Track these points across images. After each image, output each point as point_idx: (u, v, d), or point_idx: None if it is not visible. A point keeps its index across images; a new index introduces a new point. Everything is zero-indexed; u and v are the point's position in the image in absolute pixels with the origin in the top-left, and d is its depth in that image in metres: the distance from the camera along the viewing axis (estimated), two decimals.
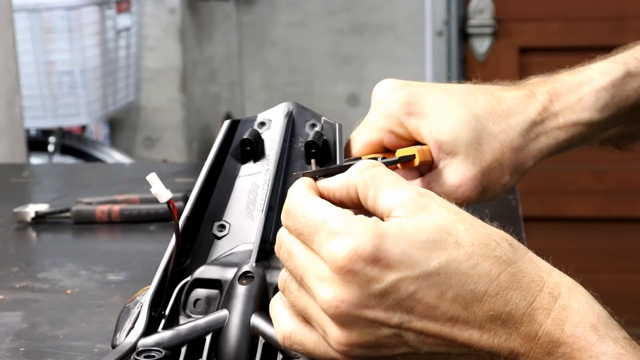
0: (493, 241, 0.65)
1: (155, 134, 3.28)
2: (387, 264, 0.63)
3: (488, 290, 0.63)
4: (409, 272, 0.63)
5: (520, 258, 0.65)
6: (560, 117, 0.91)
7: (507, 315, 0.63)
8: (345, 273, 0.63)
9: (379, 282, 0.63)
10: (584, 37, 3.11)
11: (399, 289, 0.63)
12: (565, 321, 0.63)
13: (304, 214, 0.66)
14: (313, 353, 0.68)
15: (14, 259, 1.17)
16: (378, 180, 0.68)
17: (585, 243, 3.17)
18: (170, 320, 0.78)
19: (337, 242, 0.64)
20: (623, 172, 3.15)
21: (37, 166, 2.52)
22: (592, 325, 0.63)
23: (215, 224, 0.84)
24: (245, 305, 0.75)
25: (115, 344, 0.77)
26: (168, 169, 1.68)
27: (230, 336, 0.74)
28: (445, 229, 0.64)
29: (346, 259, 0.63)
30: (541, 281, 0.64)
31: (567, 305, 0.64)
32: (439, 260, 0.63)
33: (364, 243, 0.63)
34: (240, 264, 0.78)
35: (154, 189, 0.76)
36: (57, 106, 2.95)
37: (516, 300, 0.63)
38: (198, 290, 0.79)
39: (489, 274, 0.63)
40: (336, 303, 0.63)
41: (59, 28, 2.87)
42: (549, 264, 0.67)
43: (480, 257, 0.64)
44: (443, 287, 0.63)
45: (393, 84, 0.89)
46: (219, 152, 0.86)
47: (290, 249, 0.67)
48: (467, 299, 0.63)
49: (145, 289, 0.81)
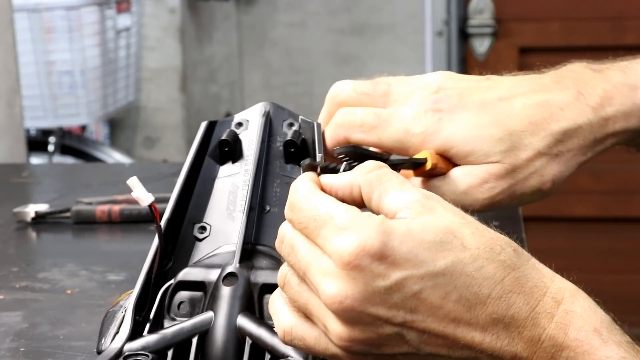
0: (498, 246, 0.65)
1: (155, 134, 3.28)
2: (394, 261, 0.63)
3: (492, 293, 0.63)
4: (415, 271, 0.63)
5: (524, 264, 0.65)
6: (610, 124, 0.86)
7: (510, 319, 0.63)
8: (351, 268, 0.63)
9: (384, 279, 0.63)
10: (584, 37, 3.11)
11: (404, 287, 0.63)
12: (569, 325, 0.63)
13: (310, 208, 0.66)
14: (314, 349, 0.67)
15: (14, 259, 1.17)
16: (383, 181, 0.67)
17: (585, 243, 3.17)
18: (155, 323, 0.78)
19: (344, 237, 0.63)
20: (623, 172, 3.15)
21: (37, 166, 2.51)
22: (595, 330, 0.63)
23: (196, 226, 0.83)
24: (231, 306, 0.75)
25: (100, 350, 0.77)
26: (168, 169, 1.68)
27: (217, 338, 0.74)
28: (451, 231, 0.64)
29: (353, 254, 0.63)
30: (544, 286, 0.64)
31: (570, 310, 0.64)
32: (445, 261, 0.63)
33: (372, 239, 0.63)
34: (223, 265, 0.78)
35: (135, 193, 0.76)
36: (57, 106, 2.95)
37: (519, 304, 0.63)
38: (182, 292, 0.78)
39: (493, 277, 0.63)
40: (340, 298, 0.63)
41: (59, 28, 2.87)
42: (552, 270, 0.67)
43: (486, 260, 0.64)
44: (448, 288, 0.63)
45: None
46: (197, 154, 0.86)
47: (293, 243, 0.67)
48: (471, 300, 0.63)
49: (129, 293, 0.81)
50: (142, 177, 0.78)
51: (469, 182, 0.85)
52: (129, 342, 0.76)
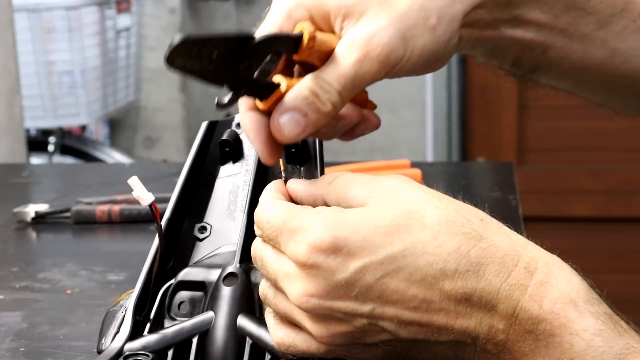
0: (462, 217, 0.64)
1: (155, 134, 3.28)
2: (349, 252, 0.63)
3: (458, 267, 0.62)
4: (373, 258, 0.62)
5: (493, 233, 0.64)
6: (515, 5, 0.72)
7: (482, 292, 0.62)
8: (309, 267, 0.63)
9: (343, 272, 0.63)
10: None
11: (365, 276, 0.63)
12: (543, 297, 0.62)
13: (268, 220, 0.67)
14: (307, 352, 0.68)
15: (14, 259, 1.17)
16: (345, 184, 0.67)
17: (585, 243, 3.16)
18: (155, 323, 0.78)
19: (297, 239, 0.64)
20: (623, 172, 3.15)
21: (37, 166, 2.51)
22: (571, 301, 0.62)
23: (196, 226, 0.84)
24: (231, 306, 0.75)
25: (101, 349, 0.77)
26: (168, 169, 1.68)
27: (217, 338, 0.74)
28: (410, 213, 0.63)
29: (306, 254, 0.63)
30: (516, 255, 0.63)
31: (544, 281, 0.62)
32: (403, 243, 0.62)
33: (321, 235, 0.63)
34: (224, 265, 0.78)
35: (135, 193, 0.76)
36: (57, 106, 2.95)
37: (489, 276, 0.62)
38: (182, 292, 0.79)
39: (458, 251, 0.62)
40: (305, 298, 0.64)
41: (59, 28, 2.87)
42: (525, 238, 0.65)
43: (448, 235, 0.63)
44: (410, 269, 0.62)
45: None
46: (197, 154, 0.86)
47: (262, 256, 0.68)
48: (437, 278, 0.62)
49: (129, 293, 0.81)
50: (142, 177, 0.78)
51: (358, 48, 0.66)
52: (129, 341, 0.76)
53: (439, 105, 3.18)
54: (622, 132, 3.09)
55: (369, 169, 1.45)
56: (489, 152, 3.19)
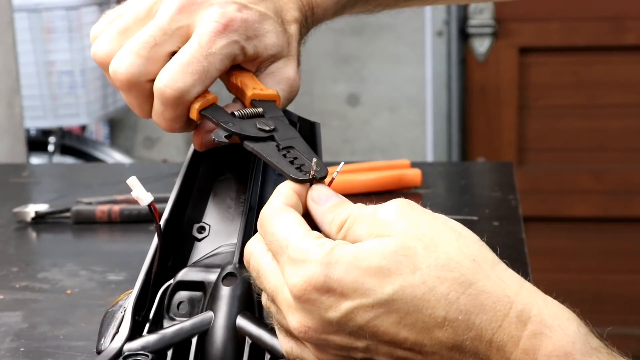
0: (452, 261, 0.62)
1: (155, 134, 3.28)
2: (342, 292, 0.63)
3: (447, 315, 0.61)
4: (364, 300, 0.62)
5: (485, 276, 0.62)
6: None
7: (474, 341, 0.61)
8: (303, 302, 0.64)
9: (335, 311, 0.63)
10: (584, 37, 3.11)
11: (356, 317, 0.63)
12: (537, 350, 0.60)
13: (272, 231, 0.67)
14: None
15: (14, 259, 1.17)
16: (358, 215, 0.67)
17: (585, 243, 3.16)
18: (154, 323, 0.78)
19: (294, 270, 0.64)
20: (623, 172, 3.15)
21: (37, 166, 2.51)
22: (567, 355, 0.60)
23: (195, 226, 0.84)
24: (230, 306, 0.75)
25: (100, 350, 0.77)
26: (168, 169, 1.68)
27: (217, 338, 0.74)
28: (401, 251, 0.63)
29: (301, 289, 0.63)
30: (508, 302, 0.61)
31: (537, 332, 0.61)
32: (392, 286, 0.62)
33: (317, 273, 0.63)
34: (223, 265, 0.78)
35: (134, 193, 0.76)
36: (57, 106, 2.95)
37: (480, 325, 0.61)
38: (181, 292, 0.79)
39: (447, 298, 0.61)
40: (303, 329, 0.64)
41: (59, 28, 2.87)
42: (520, 277, 0.63)
43: (437, 279, 0.62)
44: (400, 313, 0.62)
45: None
46: (196, 154, 0.86)
47: (258, 268, 0.68)
48: (427, 323, 0.61)
49: (128, 293, 0.81)
50: (142, 177, 0.78)
51: None
52: (129, 342, 0.76)
53: (439, 105, 3.18)
54: (622, 132, 3.09)
55: (369, 169, 1.45)
56: (489, 152, 3.19)
